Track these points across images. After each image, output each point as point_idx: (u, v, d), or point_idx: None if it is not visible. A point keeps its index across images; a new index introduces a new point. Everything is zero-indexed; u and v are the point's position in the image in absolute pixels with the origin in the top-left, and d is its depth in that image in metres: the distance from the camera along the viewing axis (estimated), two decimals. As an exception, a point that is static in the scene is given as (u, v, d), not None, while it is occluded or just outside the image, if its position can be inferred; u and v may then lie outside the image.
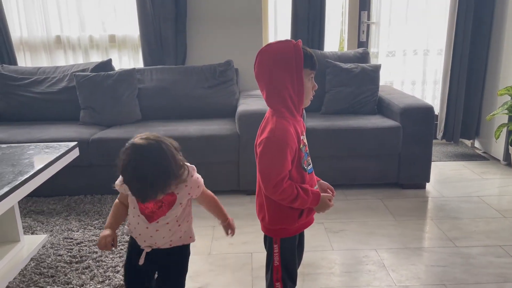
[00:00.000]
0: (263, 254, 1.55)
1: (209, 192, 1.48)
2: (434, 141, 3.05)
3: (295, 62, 1.30)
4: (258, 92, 3.55)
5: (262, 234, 1.53)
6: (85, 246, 2.26)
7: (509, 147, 3.27)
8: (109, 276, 1.98)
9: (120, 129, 3.00)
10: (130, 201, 1.41)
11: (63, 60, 3.69)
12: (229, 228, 1.54)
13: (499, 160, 3.48)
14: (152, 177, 1.24)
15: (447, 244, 2.25)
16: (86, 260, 2.12)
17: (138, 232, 1.42)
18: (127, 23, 3.62)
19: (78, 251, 2.22)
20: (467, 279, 1.95)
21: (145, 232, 1.41)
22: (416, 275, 1.98)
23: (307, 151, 1.44)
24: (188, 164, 1.37)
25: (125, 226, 1.49)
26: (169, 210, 1.38)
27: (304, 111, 2.82)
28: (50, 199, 2.88)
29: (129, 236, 1.48)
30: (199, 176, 1.42)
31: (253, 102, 3.11)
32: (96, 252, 2.19)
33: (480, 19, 3.53)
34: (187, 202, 1.43)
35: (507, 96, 3.23)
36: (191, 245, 2.22)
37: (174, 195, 1.37)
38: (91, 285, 1.92)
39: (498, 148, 3.47)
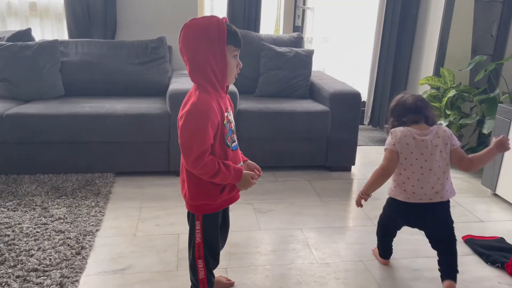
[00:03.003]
0: (189, 234, 1.52)
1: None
2: (361, 126, 3.18)
3: (218, 38, 1.29)
4: (192, 71, 3.46)
5: (190, 216, 1.50)
6: (-4, 228, 2.09)
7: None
8: (21, 260, 1.85)
9: (39, 104, 2.79)
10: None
11: (-25, 26, 3.34)
12: None
13: (418, 146, 3.72)
14: None
15: (367, 223, 2.37)
16: (-4, 244, 1.96)
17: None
18: (50, -10, 3.35)
19: (-12, 234, 2.04)
20: (383, 255, 2.07)
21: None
22: (337, 253, 2.07)
23: (232, 128, 1.43)
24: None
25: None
26: None
27: (236, 90, 2.84)
28: (-43, 178, 2.62)
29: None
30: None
31: (186, 81, 3.03)
32: (8, 235, 2.03)
33: (407, 9, 3.71)
34: None
35: (427, 85, 3.44)
36: (115, 226, 2.12)
37: None
38: (1, 270, 1.78)
39: (418, 134, 3.71)
